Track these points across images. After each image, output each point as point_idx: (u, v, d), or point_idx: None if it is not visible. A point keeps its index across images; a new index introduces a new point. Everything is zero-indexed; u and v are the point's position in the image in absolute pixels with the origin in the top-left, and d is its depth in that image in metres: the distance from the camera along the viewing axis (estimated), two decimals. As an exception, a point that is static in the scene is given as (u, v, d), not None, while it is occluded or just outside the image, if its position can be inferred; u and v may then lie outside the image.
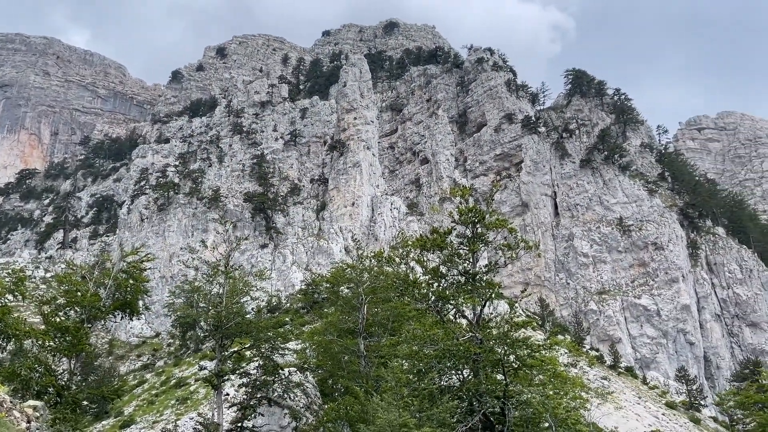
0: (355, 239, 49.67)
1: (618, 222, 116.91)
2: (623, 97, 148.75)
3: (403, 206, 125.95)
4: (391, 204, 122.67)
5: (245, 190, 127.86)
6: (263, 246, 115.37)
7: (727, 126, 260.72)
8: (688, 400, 77.87)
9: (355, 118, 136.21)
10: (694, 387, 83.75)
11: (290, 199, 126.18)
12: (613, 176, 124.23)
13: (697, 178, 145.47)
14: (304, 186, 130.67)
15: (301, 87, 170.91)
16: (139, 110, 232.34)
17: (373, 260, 43.26)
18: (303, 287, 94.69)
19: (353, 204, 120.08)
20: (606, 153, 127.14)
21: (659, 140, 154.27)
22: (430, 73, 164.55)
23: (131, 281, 32.94)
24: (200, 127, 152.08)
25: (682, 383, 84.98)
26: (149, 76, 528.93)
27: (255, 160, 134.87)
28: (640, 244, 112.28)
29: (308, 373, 42.76)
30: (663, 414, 67.37)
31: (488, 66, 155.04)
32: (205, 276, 41.74)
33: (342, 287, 45.30)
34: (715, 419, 74.73)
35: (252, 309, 45.67)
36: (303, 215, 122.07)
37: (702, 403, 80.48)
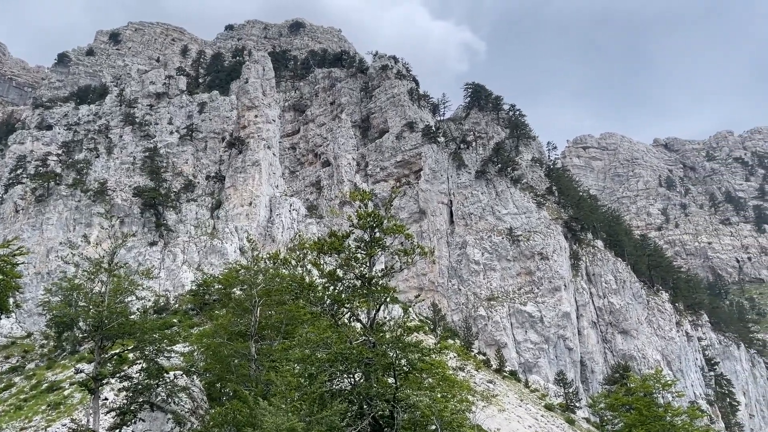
0: (251, 240, 48.51)
1: (508, 232, 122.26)
2: (518, 113, 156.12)
3: (303, 208, 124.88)
4: (291, 205, 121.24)
5: (135, 184, 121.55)
6: (152, 243, 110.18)
7: (608, 146, 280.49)
8: (565, 402, 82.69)
9: (256, 116, 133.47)
10: (571, 390, 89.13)
11: (184, 195, 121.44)
12: (505, 188, 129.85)
13: (581, 193, 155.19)
14: (199, 183, 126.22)
15: (201, 80, 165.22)
16: (19, 93, 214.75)
17: (268, 262, 42.46)
18: (194, 288, 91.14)
19: (251, 204, 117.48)
20: (500, 165, 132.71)
21: (549, 156, 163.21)
22: (335, 76, 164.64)
23: (0, 276, 30.24)
24: (88, 115, 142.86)
25: (561, 386, 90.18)
26: (35, 59, 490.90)
27: (147, 154, 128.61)
28: (528, 254, 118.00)
29: (195, 376, 41.17)
30: (542, 415, 71.02)
31: (392, 74, 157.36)
32: (86, 273, 39.09)
33: (235, 289, 44.09)
34: (587, 420, 79.78)
35: (137, 309, 43.36)
36: (197, 213, 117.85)
37: (577, 405, 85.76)
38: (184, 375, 40.25)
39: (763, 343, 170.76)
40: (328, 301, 28.10)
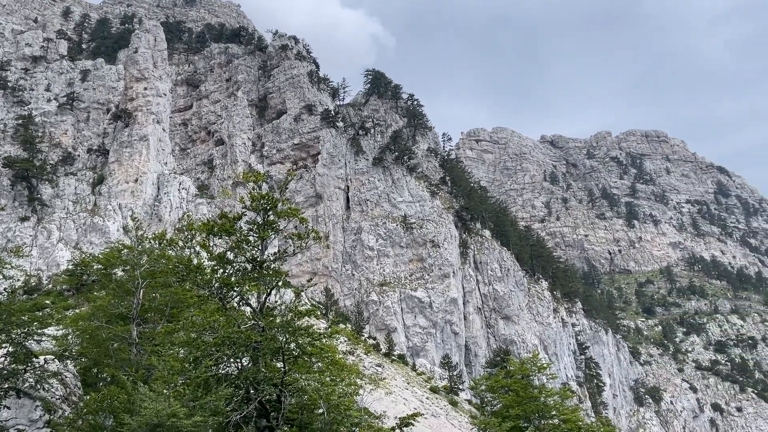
0: (136, 218, 46.06)
1: (402, 219, 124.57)
2: (416, 102, 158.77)
3: (193, 187, 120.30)
4: (180, 184, 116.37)
5: (5, 153, 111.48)
6: (24, 219, 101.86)
7: (499, 140, 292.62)
8: (449, 384, 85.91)
9: (145, 89, 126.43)
10: (455, 373, 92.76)
11: (61, 168, 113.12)
12: (401, 176, 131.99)
13: (472, 184, 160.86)
14: (79, 156, 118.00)
15: (84, 46, 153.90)
16: None
17: (154, 242, 40.54)
18: (70, 267, 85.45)
19: (137, 180, 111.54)
20: (397, 154, 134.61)
21: (444, 147, 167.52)
22: (232, 53, 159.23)
23: None
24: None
25: (446, 370, 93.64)
26: None
27: (20, 121, 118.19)
28: (420, 241, 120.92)
29: (69, 361, 38.66)
30: (427, 398, 73.42)
31: (292, 54, 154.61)
32: (-57, 249, 35.44)
33: (116, 269, 41.74)
34: (470, 401, 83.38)
35: (4, 290, 39.99)
36: (76, 188, 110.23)
37: (460, 387, 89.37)
38: (56, 360, 37.71)
39: (628, 329, 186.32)
40: (216, 284, 27.28)
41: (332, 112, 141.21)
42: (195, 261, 30.84)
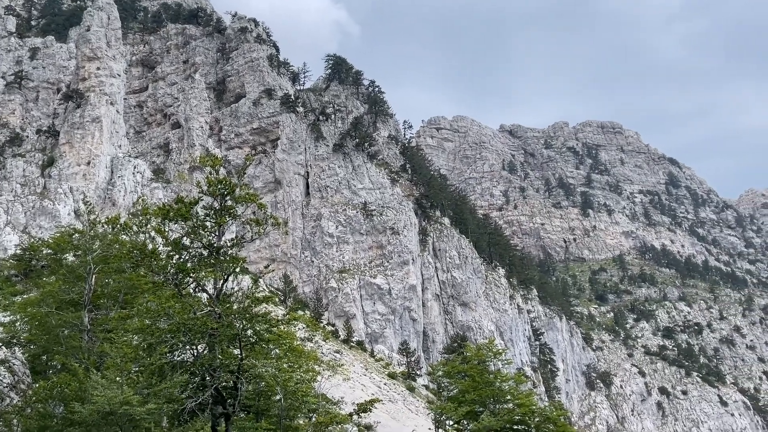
0: (88, 202, 44.80)
1: (363, 206, 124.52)
2: (377, 89, 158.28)
3: (149, 171, 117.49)
4: (135, 167, 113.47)
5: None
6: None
7: (460, 129, 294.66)
8: (407, 370, 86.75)
9: (98, 68, 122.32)
10: (413, 359, 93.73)
11: (9, 149, 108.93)
12: (362, 163, 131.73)
13: (432, 172, 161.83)
14: (28, 136, 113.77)
15: (34, 23, 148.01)
16: None
17: (107, 226, 39.49)
18: (18, 252, 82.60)
19: (89, 163, 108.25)
20: (357, 140, 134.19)
21: (404, 134, 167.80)
22: (190, 34, 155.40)
23: None
24: None
25: (404, 356, 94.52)
26: None
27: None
28: (380, 228, 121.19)
29: (17, 348, 37.51)
30: (385, 384, 73.97)
31: (252, 37, 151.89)
32: None
33: (67, 254, 40.55)
34: (427, 387, 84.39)
35: (-54, 275, 38.53)
36: (24, 170, 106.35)
37: (418, 373, 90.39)
38: (3, 347, 36.56)
39: (581, 315, 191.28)
40: (172, 270, 26.74)
41: (292, 97, 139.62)
42: (150, 246, 30.20)
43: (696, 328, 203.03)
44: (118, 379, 22.39)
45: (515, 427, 30.85)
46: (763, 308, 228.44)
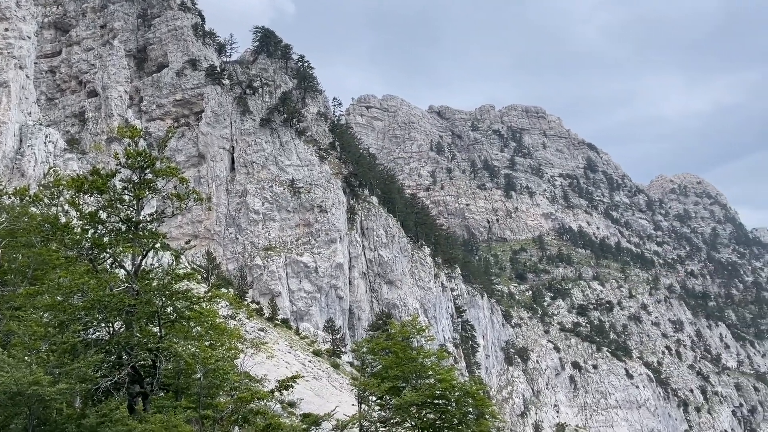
0: (-6, 172, 42.15)
1: (290, 183, 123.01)
2: (306, 64, 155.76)
3: (62, 141, 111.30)
4: (47, 137, 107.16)
5: None
6: None
7: (389, 108, 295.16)
8: (332, 348, 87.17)
9: (6, 30, 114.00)
10: (338, 336, 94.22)
11: None
12: (290, 139, 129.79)
13: (361, 151, 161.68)
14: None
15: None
16: None
17: (14, 198, 37.26)
18: None
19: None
20: (285, 116, 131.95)
21: (334, 112, 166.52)
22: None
23: None
24: None
25: (329, 333, 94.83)
26: None
27: None
28: (308, 206, 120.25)
29: None
30: (309, 361, 74.08)
31: (175, 4, 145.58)
32: None
33: (-30, 227, 37.95)
34: (351, 364, 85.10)
35: None
36: None
37: (343, 350, 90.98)
38: None
39: (502, 293, 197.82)
40: (86, 245, 25.54)
41: (218, 69, 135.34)
42: (63, 220, 28.71)
43: (607, 305, 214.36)
44: (26, 358, 21.30)
45: (436, 401, 31.63)
46: (668, 287, 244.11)
